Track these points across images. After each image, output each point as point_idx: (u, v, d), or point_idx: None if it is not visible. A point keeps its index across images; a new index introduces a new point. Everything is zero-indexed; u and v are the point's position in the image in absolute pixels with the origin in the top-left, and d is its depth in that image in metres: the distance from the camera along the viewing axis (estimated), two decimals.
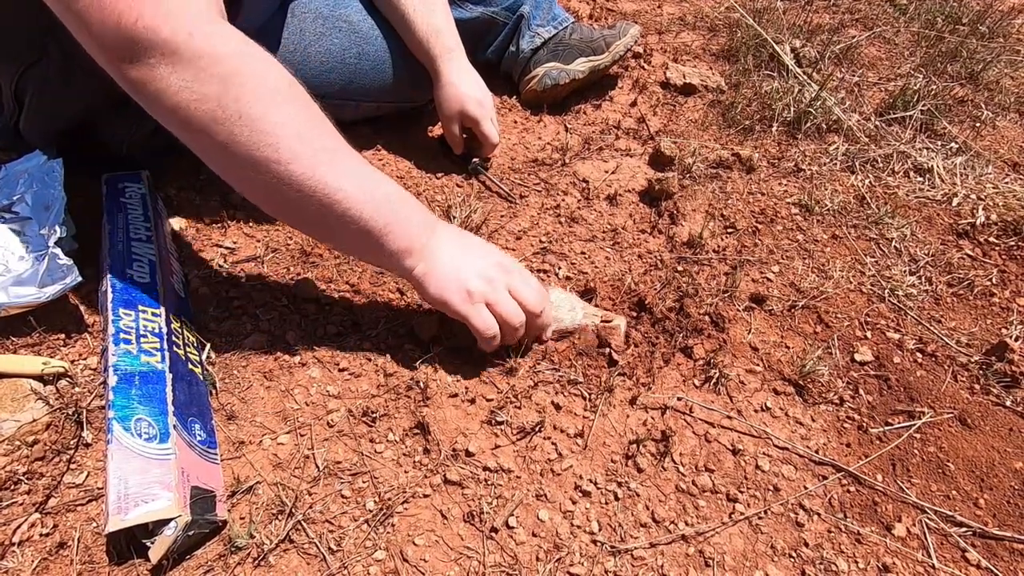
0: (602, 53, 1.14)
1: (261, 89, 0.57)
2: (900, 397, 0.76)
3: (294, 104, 0.59)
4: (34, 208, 0.75)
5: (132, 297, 0.69)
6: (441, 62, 0.95)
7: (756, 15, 1.48)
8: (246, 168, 0.58)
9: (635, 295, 0.83)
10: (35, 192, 0.75)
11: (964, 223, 1.00)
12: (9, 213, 0.75)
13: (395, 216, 0.64)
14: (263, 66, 0.59)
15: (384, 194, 0.64)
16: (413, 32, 0.94)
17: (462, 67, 0.95)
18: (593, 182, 1.01)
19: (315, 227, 0.66)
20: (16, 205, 0.75)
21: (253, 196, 0.64)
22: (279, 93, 0.58)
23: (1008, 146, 1.27)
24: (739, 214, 0.98)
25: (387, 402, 0.70)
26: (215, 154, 0.59)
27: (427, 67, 0.97)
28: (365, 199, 0.61)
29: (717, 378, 0.75)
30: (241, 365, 0.72)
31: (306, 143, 0.58)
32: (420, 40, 0.94)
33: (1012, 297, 0.91)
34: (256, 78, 0.57)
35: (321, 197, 0.59)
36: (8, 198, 0.75)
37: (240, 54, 0.57)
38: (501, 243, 0.91)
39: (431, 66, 0.96)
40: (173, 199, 0.89)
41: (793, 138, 1.18)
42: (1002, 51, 1.54)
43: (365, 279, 0.83)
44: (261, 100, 0.56)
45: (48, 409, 0.64)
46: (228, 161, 0.59)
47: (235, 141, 0.56)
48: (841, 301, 0.86)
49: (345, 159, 0.62)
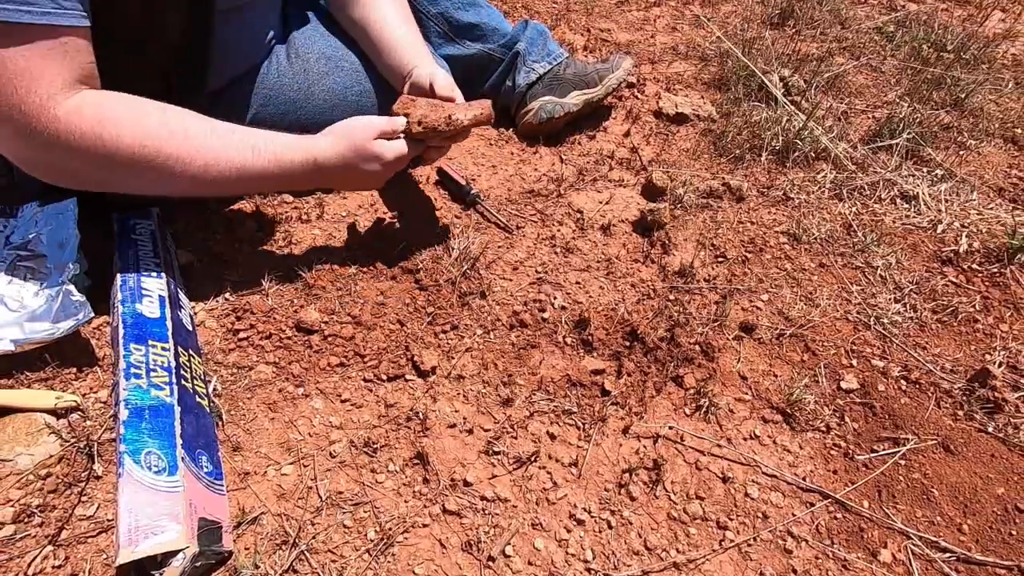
0: (595, 86, 1.18)
1: (133, 136, 0.67)
2: (885, 424, 0.78)
3: (169, 129, 0.70)
4: (49, 246, 0.78)
5: (142, 332, 0.72)
6: (423, 58, 0.92)
7: (746, 45, 1.53)
8: (177, 184, 0.72)
9: (628, 325, 0.86)
10: (50, 231, 0.79)
11: (948, 250, 1.03)
12: (25, 251, 0.78)
13: (269, 177, 0.77)
14: (127, 109, 0.68)
15: (263, 159, 0.75)
16: (393, 45, 0.92)
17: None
18: (588, 213, 1.04)
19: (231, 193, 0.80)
20: (32, 243, 0.78)
21: (183, 193, 0.75)
22: (151, 129, 0.68)
23: (993, 171, 1.31)
24: (729, 243, 1.01)
25: (388, 432, 0.73)
26: (131, 185, 0.72)
27: (400, 68, 0.92)
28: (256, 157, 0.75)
29: (707, 407, 0.77)
30: (246, 397, 0.75)
31: (194, 153, 0.70)
32: (400, 51, 0.92)
33: (995, 323, 0.93)
34: (128, 123, 0.67)
35: (222, 182, 0.73)
36: (24, 237, 0.78)
37: (93, 124, 0.65)
38: (498, 273, 0.94)
39: (409, 64, 0.91)
40: (181, 234, 0.92)
41: (782, 166, 1.22)
42: (986, 78, 1.58)
43: (367, 310, 0.86)
44: (142, 144, 0.67)
45: (61, 442, 0.66)
46: (149, 186, 0.72)
47: (148, 174, 0.69)
48: (828, 329, 0.89)
49: (226, 148, 0.73)
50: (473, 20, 1.13)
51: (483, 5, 1.15)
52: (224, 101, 0.91)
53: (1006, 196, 1.24)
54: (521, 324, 0.86)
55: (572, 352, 0.84)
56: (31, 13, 0.57)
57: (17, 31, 0.58)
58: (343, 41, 0.98)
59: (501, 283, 0.92)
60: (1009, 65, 1.69)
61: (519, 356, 0.83)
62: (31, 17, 0.57)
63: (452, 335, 0.84)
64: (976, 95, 1.48)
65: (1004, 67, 1.68)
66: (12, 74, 0.58)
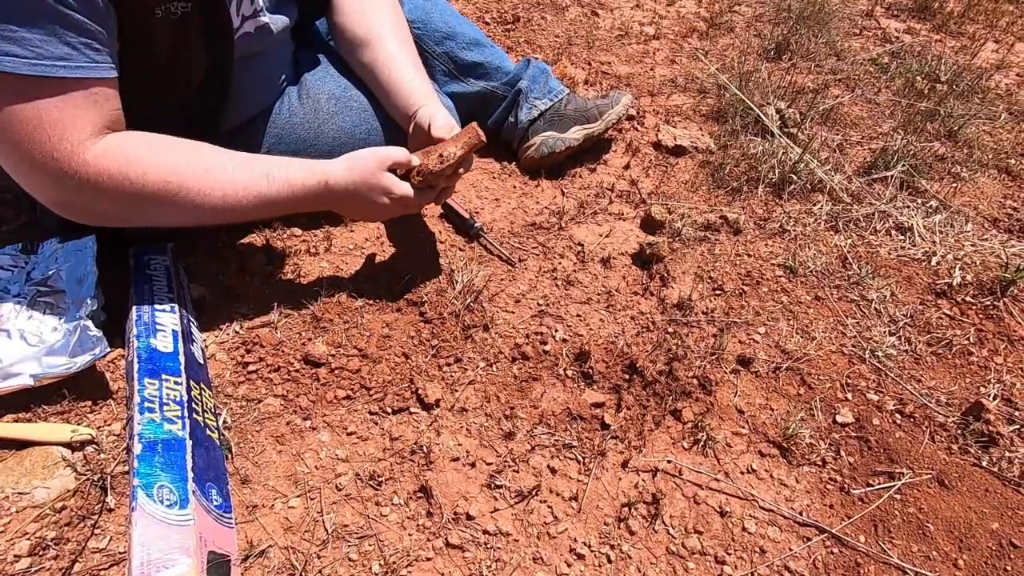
0: (595, 121, 1.21)
1: (158, 172, 0.71)
2: (880, 458, 0.79)
3: (188, 162, 0.74)
4: (68, 282, 0.81)
5: (156, 367, 0.75)
6: (428, 99, 0.95)
7: (743, 78, 1.57)
8: (199, 214, 0.75)
9: (627, 358, 0.88)
10: (69, 267, 0.82)
11: (942, 283, 1.05)
12: (45, 287, 0.81)
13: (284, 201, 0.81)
14: (150, 148, 0.72)
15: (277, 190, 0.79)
16: (400, 86, 0.95)
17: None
18: (588, 245, 1.07)
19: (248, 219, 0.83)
20: (52, 279, 0.81)
21: (202, 223, 0.79)
22: (173, 163, 0.72)
23: (987, 202, 1.33)
24: (727, 276, 1.03)
25: (392, 466, 0.75)
26: (154, 219, 0.76)
27: (406, 109, 0.95)
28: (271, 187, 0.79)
29: (705, 441, 0.79)
30: (255, 429, 0.77)
31: (212, 184, 0.74)
32: (406, 92, 0.95)
33: (989, 356, 0.95)
34: (152, 162, 0.71)
35: (240, 210, 0.77)
36: (44, 273, 0.81)
37: (121, 164, 0.68)
38: (501, 305, 0.96)
39: (415, 105, 0.94)
40: (194, 267, 0.95)
41: (779, 198, 1.24)
42: (979, 108, 1.61)
43: (372, 343, 0.88)
44: (166, 179, 0.72)
45: (76, 476, 0.68)
46: (173, 219, 0.76)
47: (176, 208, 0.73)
48: (823, 363, 0.90)
49: (242, 177, 0.77)
50: (477, 59, 1.17)
51: (487, 45, 1.19)
52: (239, 139, 0.95)
53: (1000, 227, 1.26)
54: (523, 356, 0.88)
55: (573, 385, 0.86)
56: (66, 67, 0.62)
57: (53, 84, 0.62)
58: (352, 81, 1.02)
59: (504, 316, 0.94)
60: (1003, 95, 1.73)
61: (521, 389, 0.85)
62: (66, 71, 0.62)
63: (456, 368, 0.86)
64: (970, 126, 1.52)
65: (998, 97, 1.71)
66: (46, 123, 0.62)
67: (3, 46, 0.58)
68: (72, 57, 0.62)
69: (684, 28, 1.90)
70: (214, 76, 0.81)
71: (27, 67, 0.59)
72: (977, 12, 2.19)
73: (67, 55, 0.61)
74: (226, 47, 0.78)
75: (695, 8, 2.04)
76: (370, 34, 0.96)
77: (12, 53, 0.58)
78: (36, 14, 0.58)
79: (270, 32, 0.87)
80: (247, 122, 0.95)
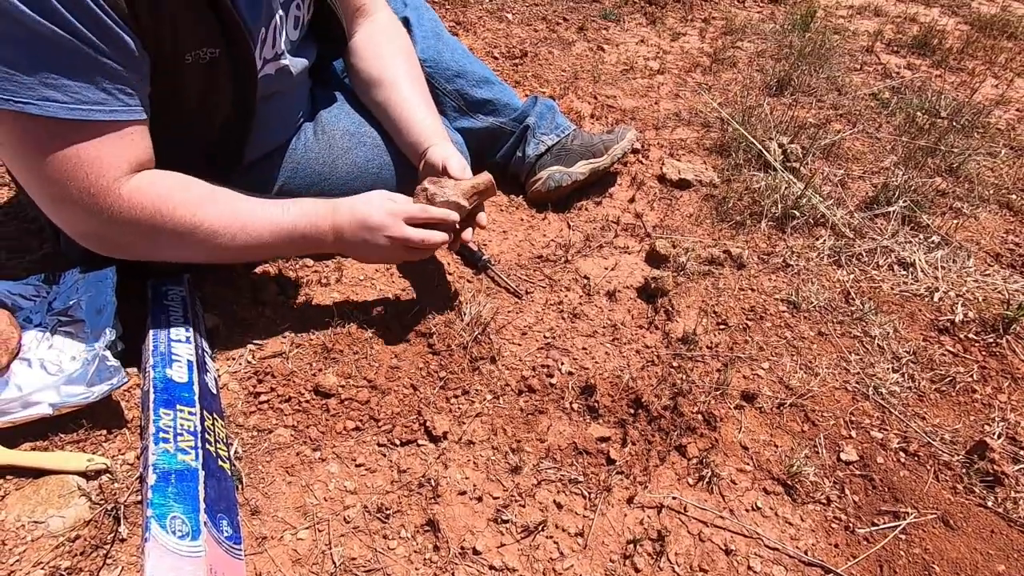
0: (601, 156, 1.24)
1: (185, 207, 0.74)
2: (885, 497, 0.80)
3: (212, 197, 0.78)
4: (87, 312, 0.83)
5: (171, 397, 0.76)
6: (439, 137, 0.99)
7: (745, 112, 1.61)
8: (219, 250, 0.79)
9: (633, 392, 0.89)
10: (90, 297, 0.84)
11: (945, 319, 1.06)
12: (65, 316, 0.83)
13: (300, 232, 0.84)
14: (179, 185, 0.75)
15: (290, 224, 0.83)
16: (412, 125, 0.98)
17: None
18: (594, 278, 1.09)
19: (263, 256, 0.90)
20: (72, 309, 0.83)
21: (214, 260, 0.82)
22: (199, 199, 0.76)
23: (989, 237, 1.35)
24: (730, 311, 1.05)
25: (400, 498, 0.75)
26: (180, 254, 0.80)
27: (417, 147, 0.98)
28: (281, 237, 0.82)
29: (710, 477, 0.79)
30: (265, 460, 0.78)
31: (232, 218, 0.78)
32: (418, 131, 0.98)
33: (993, 394, 0.95)
34: (181, 196, 0.74)
35: (255, 245, 0.81)
36: (66, 303, 0.84)
37: (154, 199, 0.72)
38: (508, 338, 0.98)
39: (426, 144, 0.97)
40: (209, 297, 0.97)
41: (782, 232, 1.26)
42: (980, 144, 1.64)
43: (381, 374, 0.89)
44: (192, 213, 0.75)
45: (90, 505, 0.70)
46: (193, 254, 0.80)
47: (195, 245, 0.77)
48: (827, 399, 0.91)
49: (259, 212, 0.81)
50: (487, 96, 1.20)
51: (496, 83, 1.23)
52: (255, 172, 0.98)
53: (1003, 262, 1.27)
54: (529, 389, 0.90)
55: (579, 418, 0.87)
56: (102, 111, 0.65)
57: (90, 126, 0.66)
58: (366, 118, 1.06)
59: (510, 348, 0.96)
60: (1003, 131, 1.75)
61: (527, 422, 0.86)
62: (102, 115, 0.65)
63: (463, 400, 0.88)
64: (971, 161, 1.54)
65: (998, 132, 1.74)
66: (84, 162, 0.66)
67: (45, 92, 0.61)
68: (108, 102, 0.65)
69: (688, 63, 1.94)
70: (237, 115, 0.84)
71: (65, 111, 0.63)
72: (976, 49, 2.24)
73: (103, 100, 0.65)
74: (250, 88, 0.82)
75: (698, 44, 2.09)
76: (384, 75, 0.99)
77: (53, 99, 0.62)
78: (76, 63, 0.62)
79: (290, 73, 0.91)
80: (264, 156, 0.99)
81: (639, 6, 2.31)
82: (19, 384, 0.75)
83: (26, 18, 0.58)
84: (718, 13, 2.33)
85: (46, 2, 0.58)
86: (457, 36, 1.92)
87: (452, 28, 1.96)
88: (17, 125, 0.63)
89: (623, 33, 2.10)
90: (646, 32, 2.13)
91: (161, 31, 0.69)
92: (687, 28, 2.19)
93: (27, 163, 0.66)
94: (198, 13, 0.71)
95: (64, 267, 0.89)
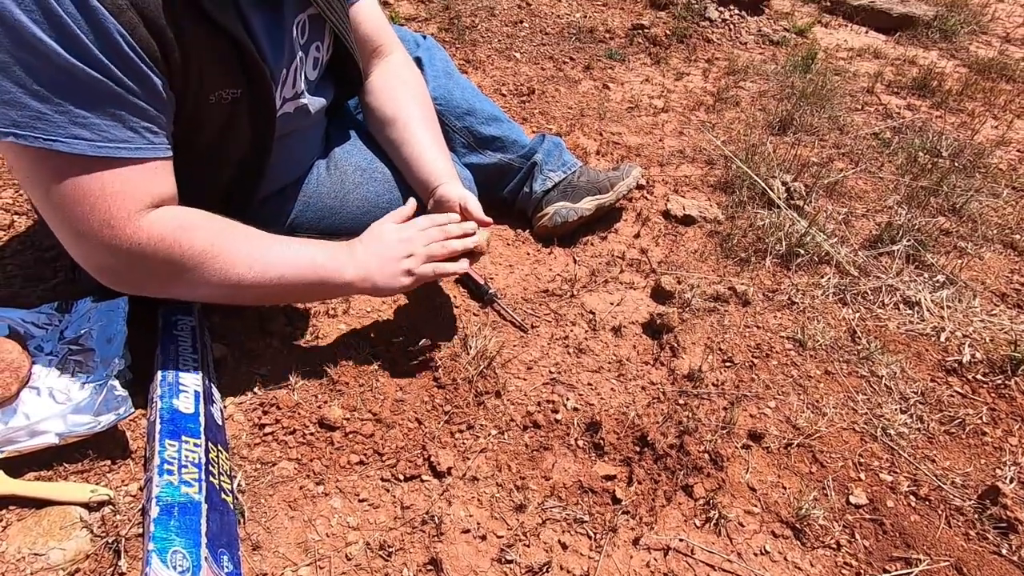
0: (607, 192, 1.26)
1: (204, 239, 0.75)
2: (896, 543, 0.78)
3: (233, 229, 0.79)
4: (98, 341, 0.84)
5: (177, 428, 0.76)
6: (448, 176, 1.01)
7: (749, 150, 1.63)
8: (233, 287, 0.79)
9: (638, 429, 0.88)
10: (101, 326, 0.85)
11: (952, 360, 1.06)
12: (76, 345, 0.84)
13: (321, 270, 0.84)
14: (197, 218, 0.76)
15: (308, 256, 0.83)
16: (423, 163, 1.01)
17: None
18: (599, 314, 1.10)
19: (278, 299, 0.89)
20: (83, 338, 0.84)
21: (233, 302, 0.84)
22: (219, 232, 0.77)
23: (995, 277, 1.35)
24: (736, 348, 1.05)
25: (403, 535, 0.74)
26: (198, 292, 0.80)
27: (427, 184, 1.00)
28: (299, 269, 0.82)
29: (717, 519, 0.78)
30: (268, 493, 0.78)
31: (250, 250, 0.79)
32: (428, 169, 1.00)
33: (1004, 437, 0.94)
34: (200, 228, 0.75)
35: (273, 281, 0.81)
36: (77, 332, 0.85)
37: (174, 229, 0.73)
38: (513, 372, 0.98)
39: (436, 182, 0.99)
40: (217, 327, 0.98)
41: (787, 269, 1.27)
42: (982, 184, 1.66)
43: (386, 407, 0.89)
44: (211, 243, 0.76)
45: (92, 537, 0.69)
46: (210, 294, 0.80)
47: (208, 279, 0.77)
48: (835, 440, 0.90)
49: (278, 246, 0.82)
50: (495, 133, 1.23)
51: (504, 120, 1.26)
52: (268, 206, 1.00)
53: (1009, 302, 1.27)
54: (535, 425, 0.89)
55: (584, 456, 0.86)
56: (128, 148, 0.67)
57: (117, 163, 0.67)
58: (377, 154, 1.08)
59: (516, 382, 0.96)
60: (1005, 171, 1.78)
61: (532, 458, 0.85)
62: (128, 152, 0.67)
63: (468, 435, 0.87)
64: (973, 201, 1.55)
65: (1000, 173, 1.76)
66: (106, 195, 0.67)
67: (74, 130, 0.63)
68: (134, 140, 0.67)
69: (691, 102, 1.99)
70: (254, 153, 0.87)
71: (93, 149, 0.64)
72: (975, 91, 2.28)
73: (130, 138, 0.67)
74: (268, 127, 0.84)
75: (702, 83, 2.14)
76: (399, 115, 1.02)
77: (81, 137, 0.63)
78: (106, 102, 0.64)
79: (308, 112, 0.93)
80: (278, 191, 1.01)
81: (644, 47, 2.37)
82: (27, 412, 0.76)
83: (60, 58, 0.60)
84: (720, 54, 2.39)
85: (80, 42, 0.60)
86: (467, 74, 1.97)
87: (462, 66, 2.02)
88: (42, 160, 0.65)
89: (628, 72, 2.16)
90: (650, 72, 2.19)
91: (189, 72, 0.71)
92: (690, 68, 2.25)
93: (48, 195, 0.68)
94: (223, 55, 0.74)
95: (78, 296, 0.90)
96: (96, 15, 0.60)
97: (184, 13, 0.68)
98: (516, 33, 2.32)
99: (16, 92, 0.60)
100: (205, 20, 0.69)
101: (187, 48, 0.69)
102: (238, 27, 0.73)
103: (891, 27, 2.91)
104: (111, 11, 0.61)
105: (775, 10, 2.90)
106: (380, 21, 1.07)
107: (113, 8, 0.61)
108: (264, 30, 0.80)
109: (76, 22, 0.59)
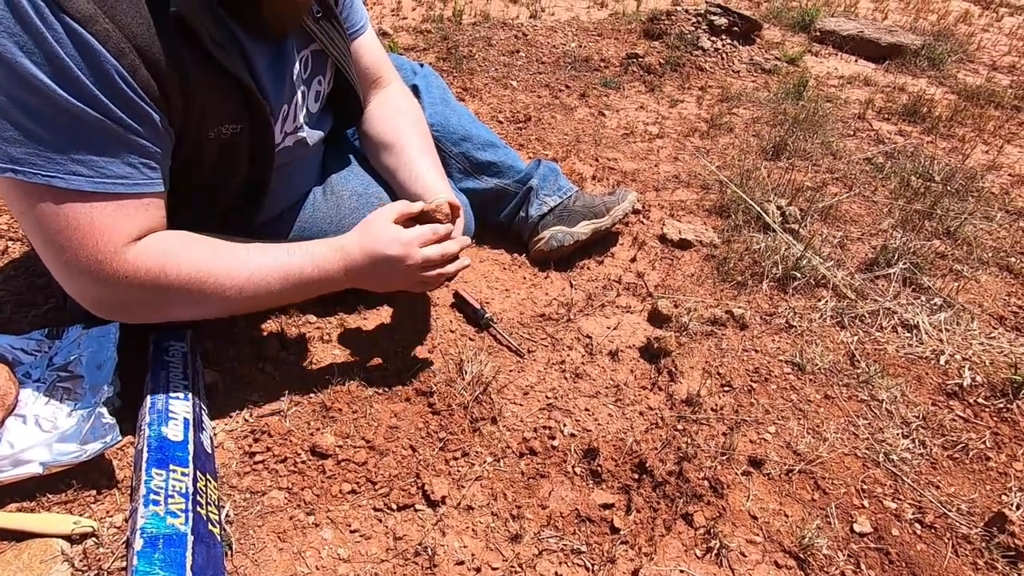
0: (603, 216, 1.27)
1: (190, 263, 0.74)
2: (903, 572, 0.76)
3: (215, 251, 0.77)
4: (88, 368, 0.83)
5: (165, 456, 0.75)
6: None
7: (743, 175, 1.65)
8: (226, 302, 0.78)
9: (637, 456, 0.87)
10: (91, 353, 0.84)
11: (952, 383, 1.05)
12: (65, 372, 0.83)
13: (314, 285, 0.84)
14: (181, 242, 0.75)
15: (297, 268, 0.82)
16: (420, 189, 1.00)
17: None
18: (596, 338, 1.09)
19: (273, 306, 0.87)
20: (72, 365, 0.83)
21: (227, 313, 0.81)
22: (202, 253, 0.76)
23: (992, 299, 1.35)
24: (735, 372, 1.04)
25: (395, 568, 0.72)
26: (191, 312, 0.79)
27: None
28: (288, 282, 0.81)
29: (718, 548, 0.76)
30: (257, 524, 0.76)
31: (239, 268, 0.77)
32: (426, 195, 0.98)
33: (1008, 462, 0.93)
34: (185, 253, 0.74)
35: (264, 293, 0.80)
36: (66, 358, 0.84)
37: (157, 258, 0.72)
38: (509, 398, 0.96)
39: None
40: (210, 352, 0.97)
41: (784, 293, 1.27)
42: (975, 208, 1.67)
43: (380, 434, 0.88)
44: (197, 268, 0.75)
45: (73, 572, 0.67)
46: (205, 311, 0.79)
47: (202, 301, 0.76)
48: (836, 466, 0.89)
49: (265, 260, 0.80)
50: (491, 159, 1.24)
51: (500, 146, 1.27)
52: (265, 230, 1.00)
53: (1007, 325, 1.27)
54: (531, 452, 0.88)
55: (581, 483, 0.84)
56: (124, 184, 0.67)
57: (111, 198, 0.67)
58: (374, 179, 1.09)
59: (512, 408, 0.94)
60: (997, 195, 1.79)
61: (528, 486, 0.83)
62: (124, 188, 0.67)
63: (463, 462, 0.85)
64: (967, 225, 1.56)
65: (992, 196, 1.78)
66: (96, 230, 0.67)
67: (71, 167, 0.63)
68: (132, 176, 0.67)
69: (686, 128, 2.01)
70: (253, 183, 0.87)
71: (90, 185, 0.64)
72: (965, 116, 2.32)
73: (128, 174, 0.67)
74: (267, 160, 0.84)
75: (696, 110, 2.17)
76: (396, 141, 1.03)
77: (79, 173, 0.63)
78: (105, 141, 0.64)
79: (307, 144, 0.94)
80: (274, 217, 1.01)
81: (638, 75, 2.41)
82: (11, 441, 0.74)
83: (60, 98, 0.60)
84: (714, 82, 2.43)
85: (80, 83, 0.60)
86: (464, 102, 2.00)
87: (459, 94, 2.05)
88: (37, 194, 0.64)
89: (623, 100, 2.19)
90: (645, 99, 2.22)
91: (190, 110, 0.71)
92: (684, 96, 2.28)
93: (40, 228, 0.67)
94: (226, 94, 0.74)
95: (69, 322, 0.89)
96: (98, 57, 0.61)
97: (188, 55, 0.68)
98: (513, 62, 2.37)
99: (15, 131, 0.61)
100: (209, 61, 0.70)
101: (190, 88, 0.70)
102: (242, 69, 0.74)
103: (880, 55, 2.98)
104: (113, 53, 0.61)
105: (766, 40, 2.96)
106: (380, 53, 1.09)
107: (116, 51, 0.61)
108: (267, 68, 0.81)
109: (77, 64, 0.60)
